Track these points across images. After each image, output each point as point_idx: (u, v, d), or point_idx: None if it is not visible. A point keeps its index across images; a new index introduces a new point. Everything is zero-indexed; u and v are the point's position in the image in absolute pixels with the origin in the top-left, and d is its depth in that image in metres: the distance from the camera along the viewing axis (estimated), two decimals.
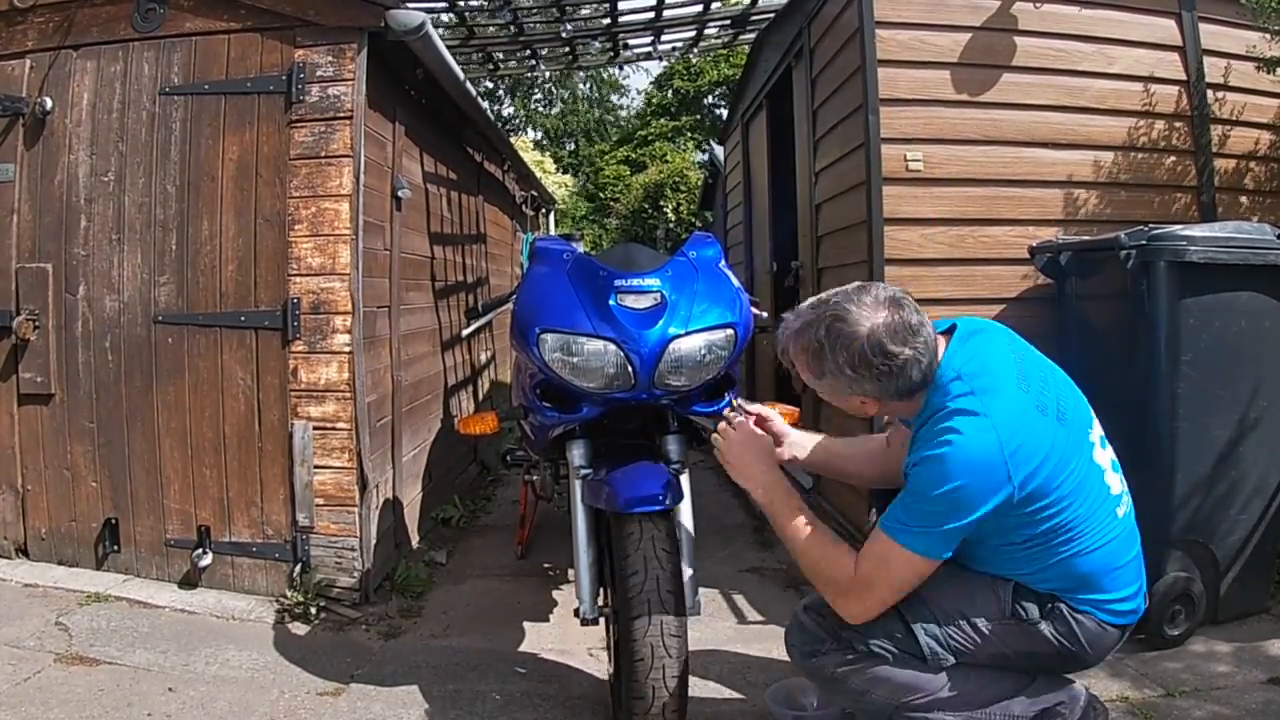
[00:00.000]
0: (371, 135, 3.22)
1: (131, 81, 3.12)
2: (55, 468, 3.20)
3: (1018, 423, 1.63)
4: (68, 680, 2.44)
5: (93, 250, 3.15)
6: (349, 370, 3.02)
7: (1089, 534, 1.70)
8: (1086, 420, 1.78)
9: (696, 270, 2.29)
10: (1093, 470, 1.73)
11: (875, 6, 3.19)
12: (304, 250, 3.01)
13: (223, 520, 3.10)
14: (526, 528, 3.84)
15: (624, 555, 1.98)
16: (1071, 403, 1.76)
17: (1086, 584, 1.72)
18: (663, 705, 1.94)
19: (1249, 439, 2.67)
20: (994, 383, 1.67)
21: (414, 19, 3.04)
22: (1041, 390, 1.71)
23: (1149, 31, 3.38)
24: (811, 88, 4.02)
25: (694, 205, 13.04)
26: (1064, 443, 1.68)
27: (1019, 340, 1.84)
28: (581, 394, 2.16)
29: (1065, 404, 1.73)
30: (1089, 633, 1.73)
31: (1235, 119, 3.43)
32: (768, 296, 5.31)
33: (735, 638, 2.83)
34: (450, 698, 2.44)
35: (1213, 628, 2.68)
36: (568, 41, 7.76)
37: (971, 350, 1.74)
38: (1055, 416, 1.69)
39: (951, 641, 1.74)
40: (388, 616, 3.03)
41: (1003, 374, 1.70)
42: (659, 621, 1.93)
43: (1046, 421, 1.67)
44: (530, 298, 2.30)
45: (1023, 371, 1.72)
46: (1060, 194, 3.29)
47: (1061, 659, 1.77)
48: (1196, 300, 2.59)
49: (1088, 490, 1.70)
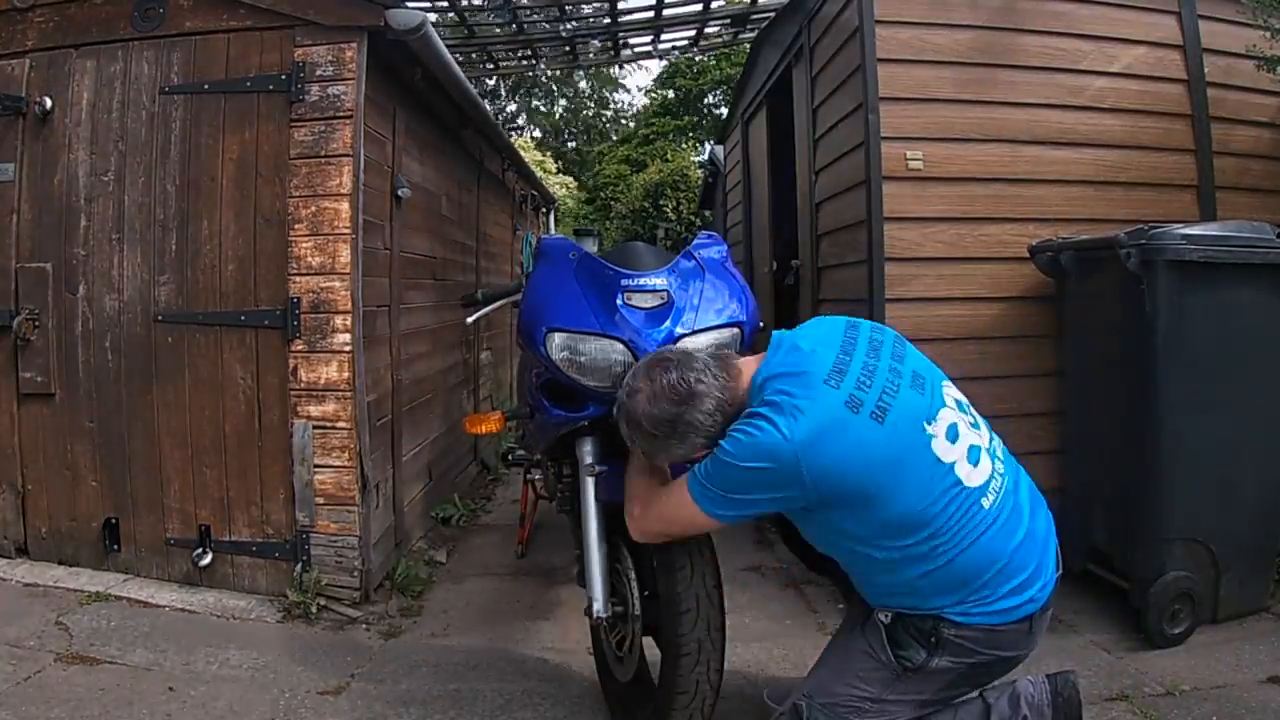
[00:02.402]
0: (371, 134, 3.22)
1: (131, 81, 3.12)
2: (55, 467, 3.20)
3: (819, 422, 1.62)
4: (68, 680, 2.44)
5: (93, 249, 3.15)
6: (349, 369, 3.01)
7: (948, 534, 1.63)
8: (925, 412, 1.69)
9: (703, 269, 2.30)
10: (935, 468, 1.65)
11: (875, 5, 3.19)
12: (304, 249, 3.01)
13: (223, 519, 3.10)
14: (527, 527, 3.85)
15: (666, 551, 2.00)
16: (906, 397, 1.69)
17: (969, 587, 1.65)
18: (703, 699, 1.98)
19: (1248, 438, 2.67)
20: (801, 385, 1.68)
21: (414, 18, 3.04)
22: (861, 384, 1.67)
23: (1149, 30, 3.38)
24: (811, 86, 4.02)
25: (694, 204, 13.03)
26: (881, 442, 1.63)
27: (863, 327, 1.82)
28: (588, 393, 2.17)
29: (892, 400, 1.67)
30: (987, 641, 1.67)
31: (1235, 118, 3.43)
32: (768, 296, 5.31)
33: (734, 636, 2.79)
34: (450, 697, 2.44)
35: (1212, 627, 2.69)
36: (568, 40, 7.76)
37: (783, 357, 1.76)
38: (870, 414, 1.64)
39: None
40: (388, 615, 3.03)
41: (814, 373, 1.69)
42: (706, 616, 1.96)
43: (858, 420, 1.63)
44: (537, 297, 2.30)
45: (840, 366, 1.69)
46: (1060, 192, 3.29)
47: (981, 673, 1.74)
48: (1196, 299, 2.59)
49: (929, 489, 1.64)
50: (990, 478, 1.70)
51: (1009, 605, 1.66)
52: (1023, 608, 1.67)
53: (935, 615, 1.67)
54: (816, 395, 1.65)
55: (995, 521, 1.67)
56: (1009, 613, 1.66)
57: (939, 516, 1.63)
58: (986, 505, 1.67)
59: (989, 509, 1.67)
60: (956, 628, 1.66)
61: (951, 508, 1.64)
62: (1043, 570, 1.72)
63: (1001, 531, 1.67)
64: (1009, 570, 1.66)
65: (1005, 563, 1.66)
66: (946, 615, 1.66)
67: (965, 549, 1.64)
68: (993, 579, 1.65)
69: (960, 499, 1.65)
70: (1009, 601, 1.66)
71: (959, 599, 1.66)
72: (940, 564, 1.64)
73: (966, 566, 1.65)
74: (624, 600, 2.18)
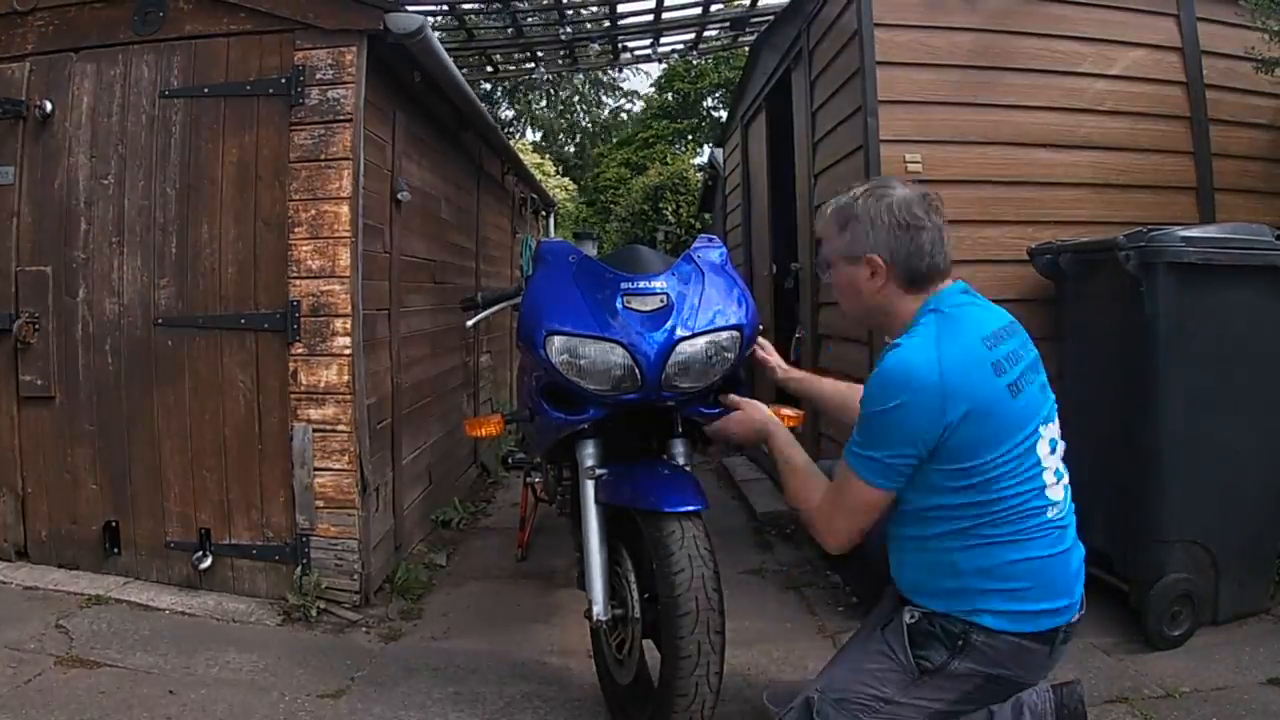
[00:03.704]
0: (371, 138, 3.23)
1: (131, 84, 3.12)
2: (55, 470, 3.20)
3: (965, 363, 1.66)
4: (68, 683, 2.44)
5: (93, 253, 3.15)
6: (349, 373, 3.01)
7: (1015, 520, 1.67)
8: (1042, 413, 1.75)
9: (702, 272, 2.31)
10: (1034, 459, 1.70)
11: (874, 8, 3.19)
12: (304, 253, 3.01)
13: (223, 523, 3.10)
14: (526, 530, 3.85)
15: (667, 553, 1.99)
16: (1035, 391, 1.74)
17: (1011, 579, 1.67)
18: (703, 702, 1.97)
19: (1248, 439, 2.67)
20: (961, 327, 1.72)
21: (413, 22, 3.05)
22: (1008, 360, 1.71)
23: (1148, 32, 3.38)
24: (810, 90, 4.02)
25: (694, 207, 13.03)
26: (1009, 413, 1.67)
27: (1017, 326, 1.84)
28: (588, 396, 2.17)
29: (1027, 385, 1.72)
30: (1012, 656, 1.69)
31: (1234, 120, 3.44)
32: (768, 298, 5.31)
33: (734, 639, 2.79)
34: (450, 700, 2.44)
35: (1212, 629, 2.68)
36: (567, 44, 7.77)
37: (958, 300, 1.79)
38: (1009, 385, 1.68)
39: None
40: (388, 619, 3.03)
41: (973, 325, 1.73)
42: (706, 619, 1.95)
43: (998, 383, 1.67)
44: (537, 300, 2.31)
45: (998, 337, 1.73)
46: (1059, 195, 3.29)
47: (993, 691, 1.74)
48: (1195, 301, 2.59)
49: (1023, 475, 1.68)
50: (1063, 500, 1.75)
51: (1043, 609, 1.69)
52: (1055, 619, 1.70)
53: (969, 619, 1.68)
54: (971, 343, 1.70)
55: (1052, 533, 1.72)
56: (1040, 620, 1.69)
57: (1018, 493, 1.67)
58: (1050, 516, 1.72)
59: (1052, 519, 1.72)
60: (988, 635, 1.67)
61: (1029, 494, 1.69)
62: (1074, 595, 1.75)
63: (1055, 543, 1.72)
64: (1048, 577, 1.70)
65: (1049, 571, 1.70)
66: (981, 621, 1.68)
67: (1023, 540, 1.68)
68: (1034, 584, 1.68)
69: (1038, 495, 1.70)
70: (1044, 605, 1.69)
71: (999, 589, 1.67)
72: (996, 538, 1.67)
73: (1016, 554, 1.68)
74: (624, 603, 2.18)
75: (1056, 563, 1.70)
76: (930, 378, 1.63)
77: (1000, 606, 1.67)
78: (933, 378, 1.63)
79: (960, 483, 1.67)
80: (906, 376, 1.65)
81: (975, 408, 1.63)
